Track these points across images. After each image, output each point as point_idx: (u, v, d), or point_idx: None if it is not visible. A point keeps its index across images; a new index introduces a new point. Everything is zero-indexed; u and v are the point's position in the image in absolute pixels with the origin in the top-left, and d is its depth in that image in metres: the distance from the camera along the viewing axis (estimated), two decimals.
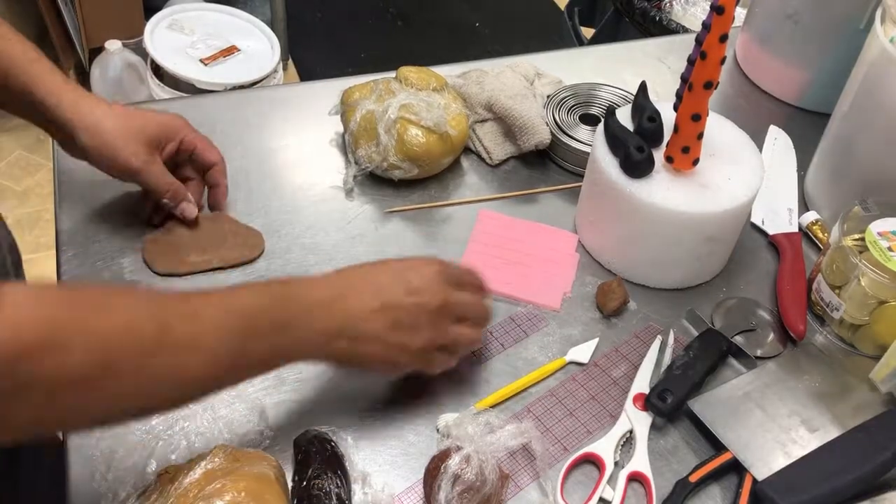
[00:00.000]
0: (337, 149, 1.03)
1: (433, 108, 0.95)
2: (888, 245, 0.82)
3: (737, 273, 0.94)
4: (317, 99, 1.07)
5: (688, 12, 1.88)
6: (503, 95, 1.02)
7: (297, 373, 0.79)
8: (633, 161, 0.85)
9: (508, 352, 0.84)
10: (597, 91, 1.08)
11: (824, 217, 0.99)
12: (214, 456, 0.66)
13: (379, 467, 0.73)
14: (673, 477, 0.74)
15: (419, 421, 0.77)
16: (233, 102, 1.11)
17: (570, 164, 1.03)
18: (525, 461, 0.74)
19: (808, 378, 0.82)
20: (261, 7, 2.53)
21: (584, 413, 0.79)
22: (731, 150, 0.90)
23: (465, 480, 0.67)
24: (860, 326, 0.86)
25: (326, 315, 0.67)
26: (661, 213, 0.84)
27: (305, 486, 0.67)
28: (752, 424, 0.77)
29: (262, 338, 0.63)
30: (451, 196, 0.99)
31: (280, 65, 2.13)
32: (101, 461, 0.71)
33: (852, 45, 0.97)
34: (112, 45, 2.08)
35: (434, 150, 0.96)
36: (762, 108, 1.18)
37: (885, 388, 0.80)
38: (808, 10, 1.09)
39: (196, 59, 2.05)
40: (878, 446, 0.74)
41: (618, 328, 0.87)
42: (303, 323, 0.65)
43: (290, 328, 0.64)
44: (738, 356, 0.85)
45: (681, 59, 0.88)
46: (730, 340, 0.84)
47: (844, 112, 0.96)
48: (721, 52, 0.78)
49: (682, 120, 0.84)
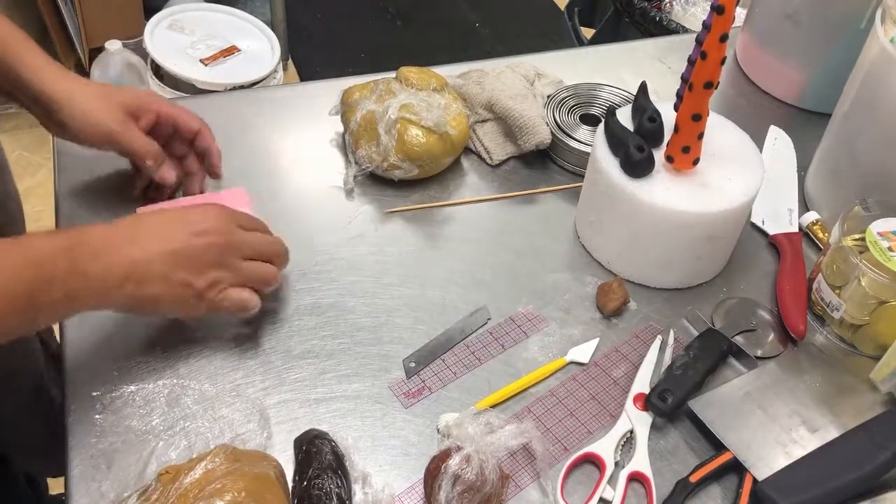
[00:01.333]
0: (337, 149, 1.03)
1: (433, 109, 0.95)
2: (888, 245, 0.82)
3: (737, 273, 0.94)
4: (317, 99, 1.07)
5: (688, 12, 1.88)
6: (503, 95, 1.02)
7: (297, 373, 0.79)
8: (634, 161, 0.85)
9: (508, 352, 0.84)
10: (597, 91, 1.08)
11: (824, 217, 0.99)
12: (214, 456, 0.66)
13: (379, 467, 0.73)
14: (673, 477, 0.74)
15: (419, 421, 0.77)
16: (233, 102, 1.11)
17: (570, 164, 1.03)
18: (525, 461, 0.74)
19: (808, 378, 0.82)
20: (261, 7, 2.53)
21: (585, 413, 0.79)
22: (731, 150, 0.90)
23: (466, 480, 0.67)
24: (860, 326, 0.86)
25: (113, 261, 0.69)
26: (661, 213, 0.84)
27: (306, 486, 0.67)
28: (752, 424, 0.77)
29: (55, 284, 0.65)
30: (451, 196, 0.99)
31: (280, 65, 2.13)
32: (101, 461, 0.71)
33: (852, 45, 0.97)
34: (112, 45, 2.07)
35: (434, 150, 0.96)
36: (762, 108, 1.18)
37: (885, 388, 0.80)
38: (808, 10, 1.09)
39: (196, 59, 2.05)
40: (878, 446, 0.74)
41: (618, 328, 0.87)
42: (91, 270, 0.67)
43: (78, 275, 0.66)
44: (738, 356, 0.85)
45: (681, 59, 0.88)
46: (730, 340, 0.84)
47: (844, 112, 0.96)
48: (721, 52, 0.78)
49: (683, 120, 0.84)
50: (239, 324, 0.83)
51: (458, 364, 0.82)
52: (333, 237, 0.93)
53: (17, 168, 2.18)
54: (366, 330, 0.84)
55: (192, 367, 0.79)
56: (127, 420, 0.74)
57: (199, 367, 0.79)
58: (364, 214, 0.96)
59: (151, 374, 0.78)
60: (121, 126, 0.84)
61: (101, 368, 0.78)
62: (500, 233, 0.95)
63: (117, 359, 0.78)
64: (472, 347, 0.84)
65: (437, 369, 0.81)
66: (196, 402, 0.76)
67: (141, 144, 0.85)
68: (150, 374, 0.78)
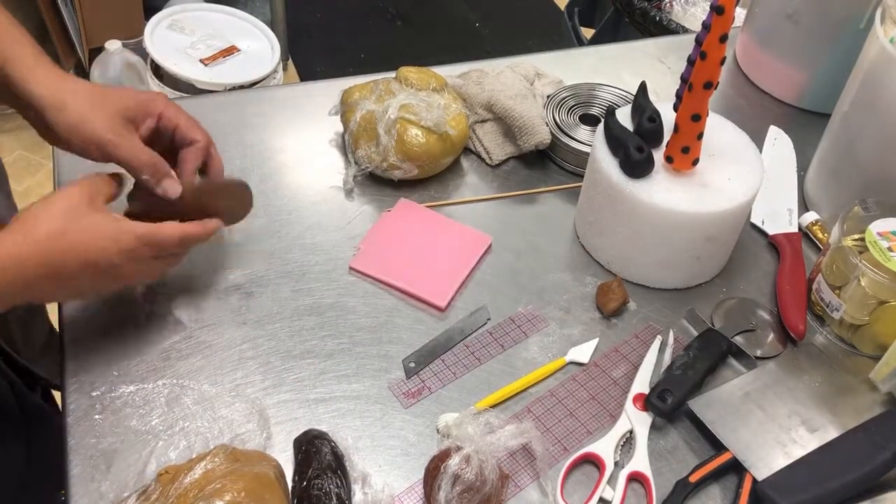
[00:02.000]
0: (337, 149, 1.03)
1: (433, 109, 0.95)
2: (888, 245, 0.82)
3: (737, 273, 0.94)
4: (317, 99, 1.07)
5: (688, 12, 1.88)
6: (503, 95, 1.02)
7: (296, 373, 0.80)
8: (633, 161, 0.85)
9: (508, 352, 0.84)
10: (597, 91, 1.08)
11: (824, 217, 0.99)
12: (214, 456, 0.66)
13: (379, 467, 0.73)
14: (673, 477, 0.74)
15: (419, 421, 0.77)
16: (233, 102, 1.11)
17: (570, 164, 1.03)
18: (525, 461, 0.74)
19: (808, 378, 0.82)
20: (261, 7, 2.53)
21: (584, 413, 0.79)
22: (731, 151, 0.90)
23: (465, 480, 0.67)
24: (860, 326, 0.86)
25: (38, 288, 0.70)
26: (661, 213, 0.84)
27: (305, 486, 0.67)
28: (752, 424, 0.77)
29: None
30: (451, 196, 0.99)
31: (280, 65, 2.13)
32: (101, 461, 0.71)
33: (852, 45, 0.97)
34: (112, 45, 2.08)
35: (434, 151, 0.96)
36: (762, 108, 1.18)
37: (885, 388, 0.80)
38: (808, 10, 1.09)
39: (196, 59, 2.05)
40: (878, 446, 0.74)
41: (618, 328, 0.87)
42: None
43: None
44: (737, 356, 0.85)
45: (681, 59, 0.88)
46: (730, 340, 0.84)
47: (844, 112, 0.96)
48: (721, 52, 0.78)
49: (682, 120, 0.84)
50: (239, 324, 0.83)
51: (458, 364, 0.82)
52: (333, 237, 0.93)
53: (17, 168, 2.18)
54: (365, 330, 0.84)
55: (191, 367, 0.79)
56: (126, 420, 0.74)
57: (199, 367, 0.79)
58: (364, 214, 0.96)
59: (151, 374, 0.78)
60: (116, 136, 0.76)
61: (100, 368, 0.78)
62: (499, 233, 0.95)
63: (117, 359, 0.78)
64: (471, 347, 0.84)
65: (436, 369, 0.81)
66: (196, 402, 0.76)
67: (135, 157, 0.77)
68: (150, 374, 0.78)
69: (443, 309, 0.86)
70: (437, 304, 0.86)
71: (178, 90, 2.02)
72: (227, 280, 0.87)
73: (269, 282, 0.87)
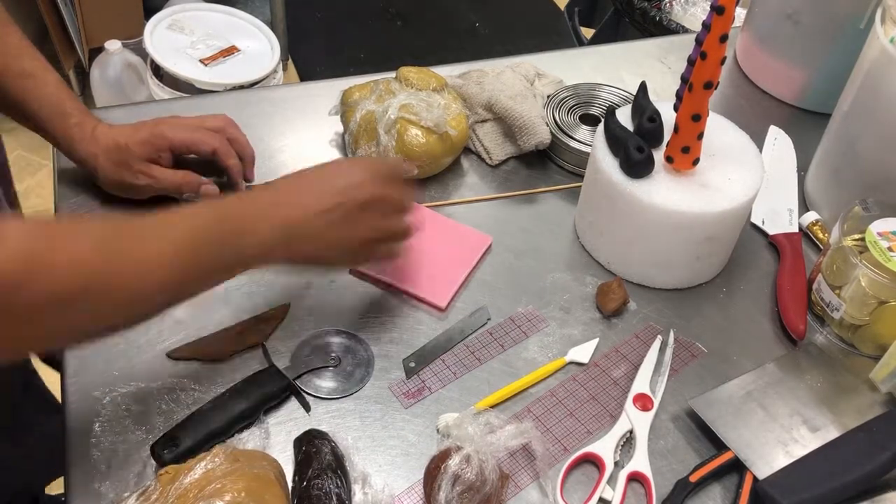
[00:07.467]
0: (337, 149, 1.03)
1: (433, 109, 0.95)
2: (888, 245, 0.82)
3: (737, 273, 0.94)
4: (317, 99, 1.07)
5: (688, 12, 1.88)
6: (503, 95, 1.02)
7: None
8: (633, 161, 0.85)
9: (508, 352, 0.84)
10: (597, 91, 1.08)
11: (824, 217, 0.99)
12: (214, 456, 0.66)
13: (379, 467, 0.73)
14: (673, 477, 0.74)
15: (419, 421, 0.77)
16: (233, 102, 1.11)
17: (570, 164, 1.03)
18: (525, 461, 0.74)
19: (808, 378, 0.82)
20: (261, 7, 2.52)
21: (584, 413, 0.79)
22: (731, 151, 0.90)
23: (465, 480, 0.67)
24: (860, 326, 0.86)
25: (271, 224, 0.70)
26: (661, 213, 0.84)
27: (305, 486, 0.67)
28: (753, 424, 0.77)
29: (212, 250, 0.67)
30: (451, 196, 0.99)
31: (280, 65, 2.13)
32: (101, 461, 0.71)
33: (852, 45, 0.97)
34: (112, 46, 2.07)
35: (434, 151, 0.96)
36: (762, 108, 1.18)
37: (885, 388, 0.80)
38: (808, 10, 1.09)
39: (196, 59, 2.05)
40: (878, 446, 0.74)
41: (618, 328, 0.87)
42: (248, 233, 0.69)
43: (233, 241, 0.68)
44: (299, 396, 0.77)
45: (681, 59, 0.88)
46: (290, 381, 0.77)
47: (844, 112, 0.96)
48: (721, 52, 0.78)
49: (682, 120, 0.83)
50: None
51: (458, 364, 0.82)
52: None
53: (17, 168, 2.18)
54: (366, 330, 0.84)
55: (192, 367, 0.79)
56: (126, 420, 0.74)
57: (199, 366, 0.79)
58: None
59: (151, 374, 0.78)
60: (146, 179, 0.87)
61: (101, 368, 0.78)
62: (499, 233, 0.95)
63: (117, 359, 0.78)
64: (471, 347, 0.83)
65: (436, 369, 0.81)
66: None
67: (169, 183, 0.88)
68: (150, 374, 0.78)
69: (443, 309, 0.86)
70: (437, 305, 0.86)
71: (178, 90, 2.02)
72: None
73: (269, 282, 0.87)
